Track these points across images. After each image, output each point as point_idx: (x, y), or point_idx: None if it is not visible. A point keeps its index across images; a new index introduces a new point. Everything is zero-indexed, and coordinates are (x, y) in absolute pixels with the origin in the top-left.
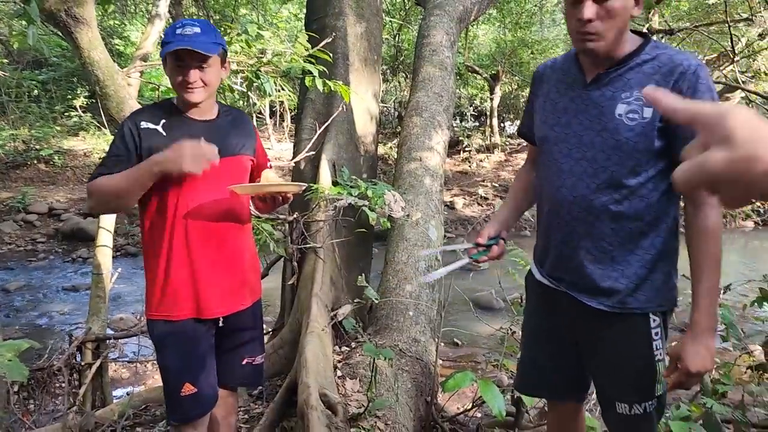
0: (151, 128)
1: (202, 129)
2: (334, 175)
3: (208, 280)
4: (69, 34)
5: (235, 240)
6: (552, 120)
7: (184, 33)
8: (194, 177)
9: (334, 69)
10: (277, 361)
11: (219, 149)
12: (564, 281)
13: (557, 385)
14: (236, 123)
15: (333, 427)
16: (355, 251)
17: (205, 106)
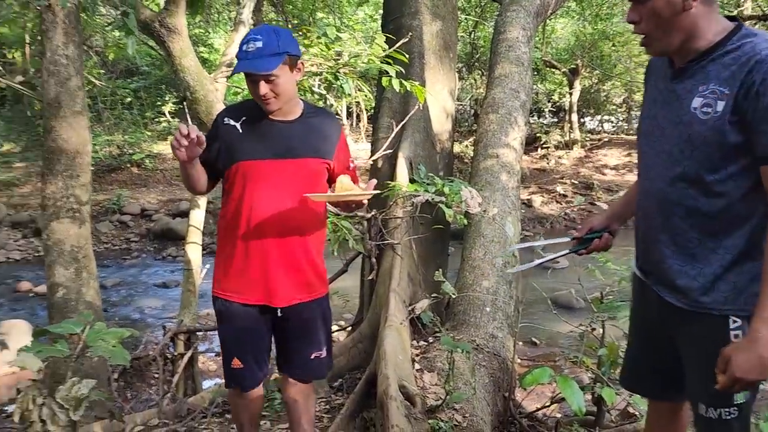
0: (231, 125)
1: (276, 130)
2: (411, 172)
3: (266, 271)
4: (162, 43)
5: (295, 237)
6: (645, 112)
7: (248, 50)
8: (255, 175)
9: (410, 68)
10: (357, 355)
11: (285, 151)
12: (651, 275)
13: (653, 383)
14: (316, 126)
15: (411, 417)
16: (432, 248)
17: (285, 109)
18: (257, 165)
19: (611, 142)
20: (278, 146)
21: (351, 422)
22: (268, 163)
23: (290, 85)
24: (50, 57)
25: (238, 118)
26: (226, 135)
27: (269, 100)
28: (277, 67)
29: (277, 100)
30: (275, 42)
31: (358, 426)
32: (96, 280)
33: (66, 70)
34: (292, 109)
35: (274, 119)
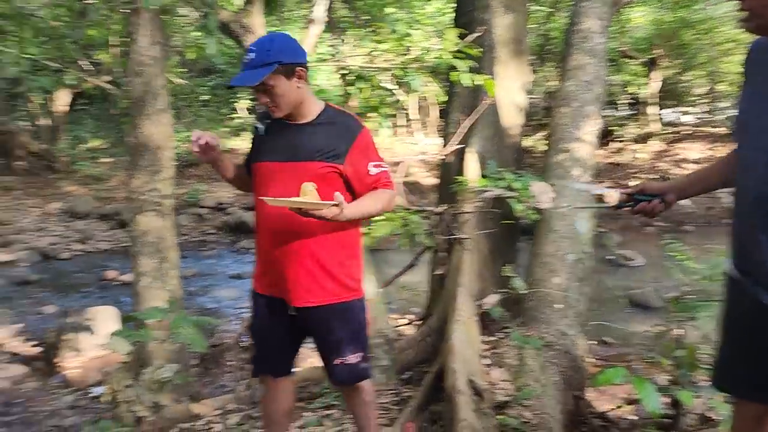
0: (259, 128)
1: (289, 131)
2: (481, 167)
3: (281, 271)
4: (240, 42)
5: (303, 241)
6: (744, 104)
7: (245, 61)
8: (266, 176)
9: (481, 62)
10: (425, 348)
11: (291, 154)
12: (750, 276)
13: (740, 380)
14: (327, 129)
15: (480, 412)
16: (501, 243)
17: (299, 112)
18: (268, 166)
19: (693, 134)
20: (286, 149)
21: (419, 415)
22: (276, 165)
23: (290, 93)
24: (136, 57)
25: (264, 122)
26: (255, 137)
27: (272, 109)
28: (262, 78)
29: (278, 108)
30: (266, 52)
31: (426, 419)
32: (178, 270)
33: (150, 70)
34: (308, 112)
35: (290, 122)
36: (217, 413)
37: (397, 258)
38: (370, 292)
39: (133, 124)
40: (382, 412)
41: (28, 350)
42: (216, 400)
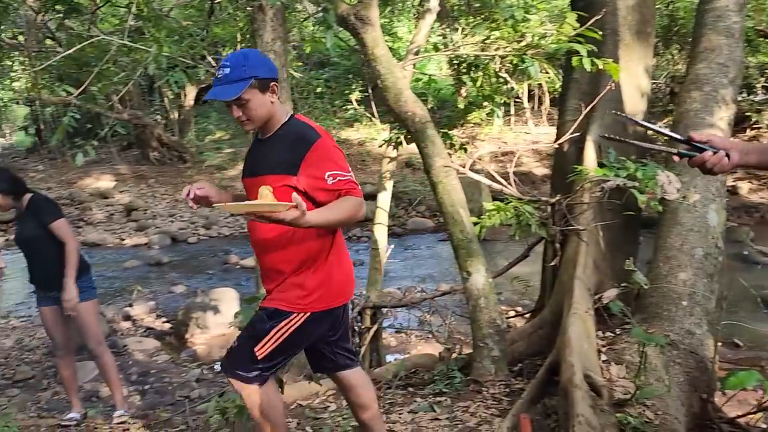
0: (252, 142)
1: (258, 146)
2: (600, 156)
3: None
4: (356, 35)
5: (270, 254)
6: None
7: (218, 76)
8: (246, 192)
9: (602, 46)
10: (537, 341)
11: (253, 170)
12: None
13: None
14: (281, 143)
15: (597, 409)
16: (621, 236)
17: (267, 126)
18: (244, 182)
19: None
20: (253, 164)
21: (531, 408)
22: (247, 181)
23: (263, 107)
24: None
25: (255, 138)
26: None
27: (244, 123)
28: (241, 92)
29: (250, 122)
30: (242, 67)
31: (539, 412)
32: None
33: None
34: (273, 125)
35: (261, 137)
36: (331, 394)
37: (510, 248)
38: (479, 282)
39: None
40: (492, 402)
41: (160, 326)
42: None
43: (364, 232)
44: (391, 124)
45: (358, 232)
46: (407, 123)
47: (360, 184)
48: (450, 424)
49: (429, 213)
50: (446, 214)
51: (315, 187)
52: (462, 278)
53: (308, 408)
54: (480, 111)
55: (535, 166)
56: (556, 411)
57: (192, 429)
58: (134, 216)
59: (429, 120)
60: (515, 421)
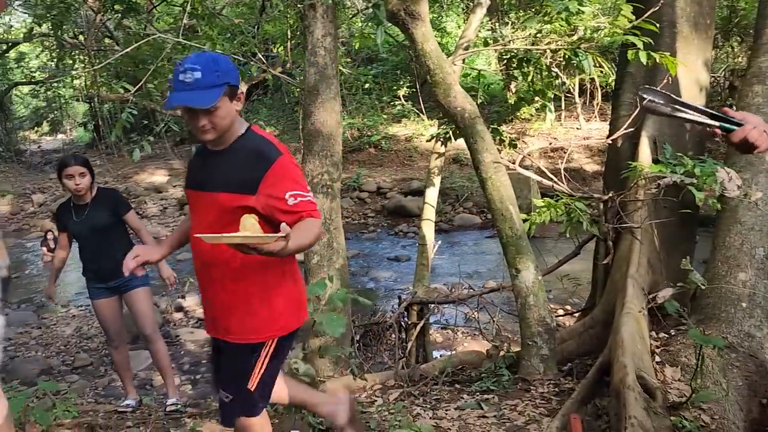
0: (194, 153)
1: (206, 158)
2: (655, 152)
3: (207, 303)
4: (406, 30)
5: (212, 274)
6: None
7: (186, 80)
8: (190, 204)
9: (659, 39)
10: (587, 341)
11: (202, 182)
12: None
13: None
14: (239, 157)
15: (651, 411)
16: (677, 234)
17: (221, 139)
18: (189, 194)
19: None
20: (201, 176)
21: (582, 408)
22: (192, 194)
23: (229, 116)
24: (311, 49)
25: (198, 150)
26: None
27: (207, 132)
28: (217, 100)
29: (214, 131)
30: (215, 72)
31: (589, 413)
32: (344, 250)
33: (323, 60)
34: (229, 137)
35: (210, 148)
36: (377, 388)
37: (560, 246)
38: (529, 280)
39: (308, 111)
40: (540, 402)
41: None
42: (377, 375)
43: (411, 228)
44: (439, 119)
45: (404, 227)
46: (456, 118)
47: (407, 180)
48: (497, 422)
49: (476, 209)
50: (495, 211)
51: (274, 208)
52: (511, 275)
53: (355, 402)
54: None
55: (586, 163)
56: (607, 412)
57: None
58: (186, 210)
59: (478, 115)
60: (565, 421)
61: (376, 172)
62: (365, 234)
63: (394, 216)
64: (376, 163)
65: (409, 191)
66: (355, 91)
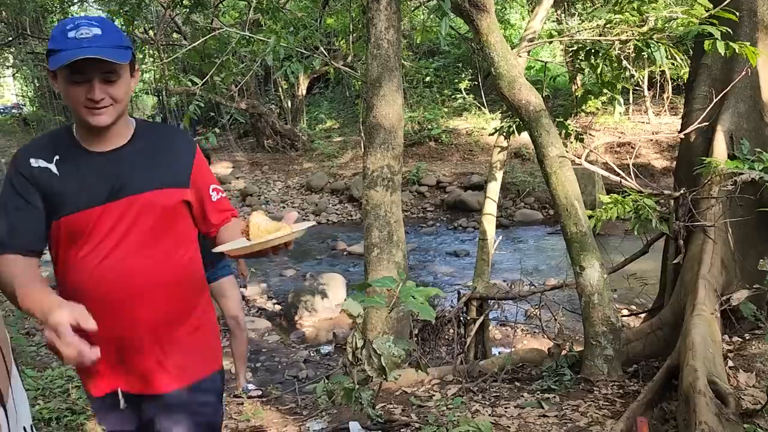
0: (42, 168)
1: (100, 163)
2: (731, 147)
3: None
4: (471, 21)
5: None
6: None
7: (80, 36)
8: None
9: (737, 28)
10: (655, 342)
11: (120, 188)
12: None
13: None
14: (157, 146)
15: (723, 417)
16: (753, 234)
17: (113, 131)
18: (82, 218)
19: None
20: (102, 185)
21: (648, 411)
22: (95, 212)
23: (128, 94)
24: (374, 41)
25: (50, 157)
26: (43, 182)
27: (103, 110)
28: (129, 60)
29: (113, 110)
30: (116, 31)
31: (655, 417)
32: (404, 243)
33: (386, 53)
34: (122, 131)
35: (95, 150)
36: (435, 383)
37: (624, 244)
38: (593, 278)
39: (370, 104)
40: (604, 403)
41: (271, 307)
42: (435, 370)
43: (470, 223)
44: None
45: (463, 222)
46: (521, 111)
47: (467, 174)
48: (558, 422)
49: (538, 205)
50: (559, 206)
51: (203, 204)
52: (575, 273)
53: (413, 396)
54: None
55: (654, 158)
56: (674, 417)
57: (301, 408)
58: (249, 201)
59: (543, 108)
60: (630, 423)
61: (435, 166)
62: (424, 228)
63: (453, 210)
64: (436, 156)
65: (469, 186)
66: (416, 84)
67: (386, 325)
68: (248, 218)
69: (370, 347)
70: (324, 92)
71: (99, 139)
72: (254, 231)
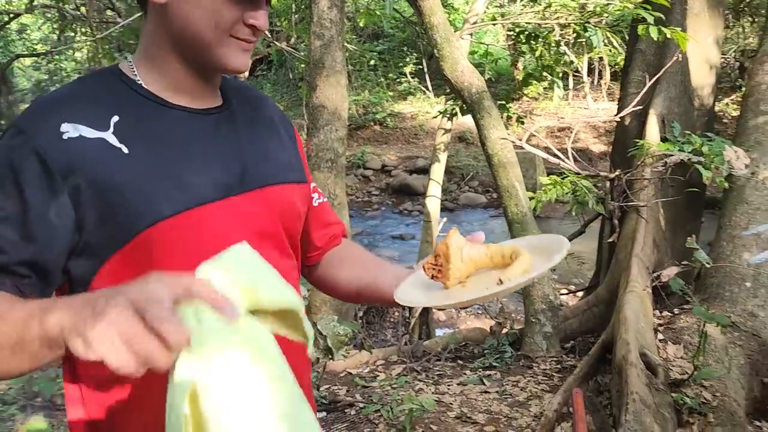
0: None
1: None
2: (663, 130)
3: None
4: (414, 3)
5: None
6: None
7: None
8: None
9: (669, 15)
10: (590, 318)
11: (240, 175)
12: None
13: None
14: (261, 110)
15: (653, 387)
16: (682, 213)
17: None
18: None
19: None
20: (223, 167)
21: (583, 384)
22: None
23: None
24: (317, 20)
25: (103, 120)
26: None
27: (251, 46)
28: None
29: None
30: None
31: (591, 389)
32: (348, 227)
33: (329, 33)
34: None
35: (185, 106)
36: (380, 364)
37: (562, 225)
38: None
39: (313, 85)
40: (542, 378)
41: None
42: (380, 351)
43: (416, 206)
44: (446, 95)
45: (409, 206)
46: (463, 94)
47: (412, 158)
48: (499, 397)
49: (481, 188)
50: (501, 188)
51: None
52: None
53: (358, 376)
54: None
55: (592, 143)
56: (608, 389)
57: None
58: None
59: (486, 91)
60: (566, 396)
61: (380, 150)
62: (369, 212)
63: (398, 194)
64: (381, 140)
65: (414, 169)
66: (361, 67)
67: (330, 308)
68: (446, 241)
69: (315, 329)
70: (267, 74)
71: (193, 90)
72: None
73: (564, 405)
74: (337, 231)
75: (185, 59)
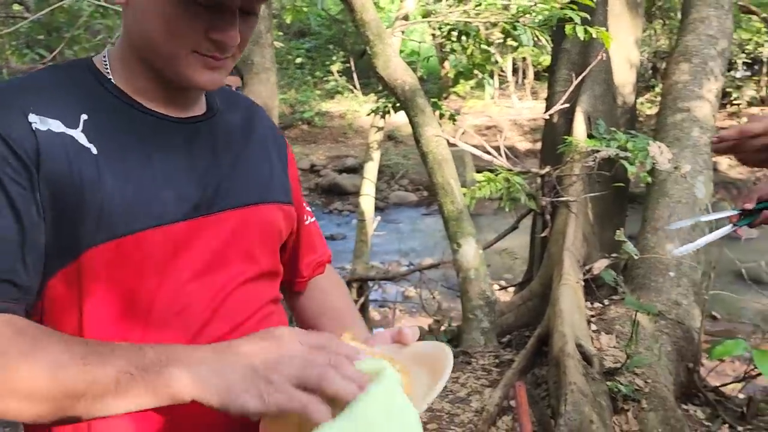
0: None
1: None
2: (589, 127)
3: None
4: (347, 2)
5: None
6: None
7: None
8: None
9: (593, 15)
10: (525, 312)
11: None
12: None
13: None
14: (251, 123)
15: (589, 377)
16: (610, 207)
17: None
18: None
19: None
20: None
21: (521, 377)
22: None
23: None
24: None
25: (72, 116)
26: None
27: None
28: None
29: (231, 64)
30: None
31: (529, 382)
32: None
33: (258, 28)
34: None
35: (162, 113)
36: None
37: (495, 222)
38: (470, 254)
39: (243, 82)
40: (482, 373)
41: None
42: None
43: (346, 206)
44: (376, 94)
45: (339, 205)
46: (396, 91)
47: (341, 157)
48: (440, 394)
49: (412, 187)
50: (436, 185)
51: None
52: (452, 250)
53: None
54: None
55: (518, 141)
56: (546, 380)
57: None
58: None
59: (419, 88)
60: (506, 390)
61: (309, 149)
62: None
63: (328, 194)
64: (309, 139)
65: (344, 169)
66: (287, 65)
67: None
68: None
69: None
70: None
71: (167, 98)
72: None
73: (504, 399)
74: (323, 257)
75: (152, 68)
